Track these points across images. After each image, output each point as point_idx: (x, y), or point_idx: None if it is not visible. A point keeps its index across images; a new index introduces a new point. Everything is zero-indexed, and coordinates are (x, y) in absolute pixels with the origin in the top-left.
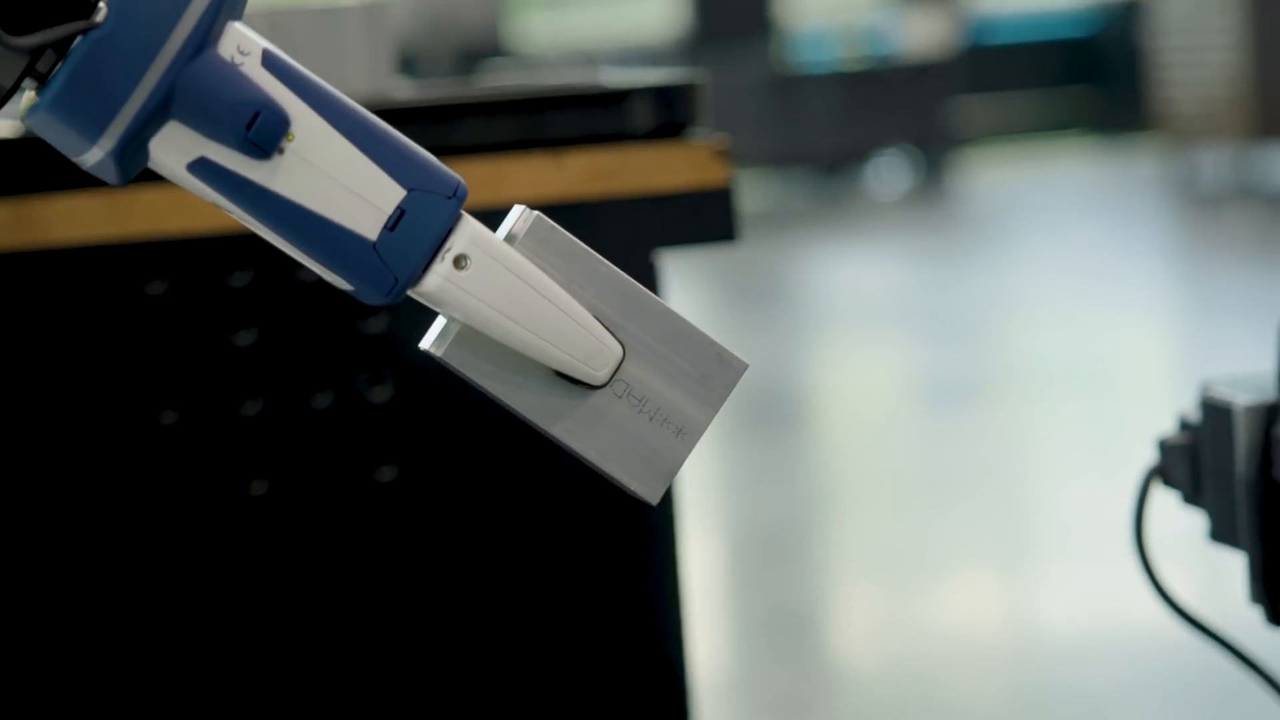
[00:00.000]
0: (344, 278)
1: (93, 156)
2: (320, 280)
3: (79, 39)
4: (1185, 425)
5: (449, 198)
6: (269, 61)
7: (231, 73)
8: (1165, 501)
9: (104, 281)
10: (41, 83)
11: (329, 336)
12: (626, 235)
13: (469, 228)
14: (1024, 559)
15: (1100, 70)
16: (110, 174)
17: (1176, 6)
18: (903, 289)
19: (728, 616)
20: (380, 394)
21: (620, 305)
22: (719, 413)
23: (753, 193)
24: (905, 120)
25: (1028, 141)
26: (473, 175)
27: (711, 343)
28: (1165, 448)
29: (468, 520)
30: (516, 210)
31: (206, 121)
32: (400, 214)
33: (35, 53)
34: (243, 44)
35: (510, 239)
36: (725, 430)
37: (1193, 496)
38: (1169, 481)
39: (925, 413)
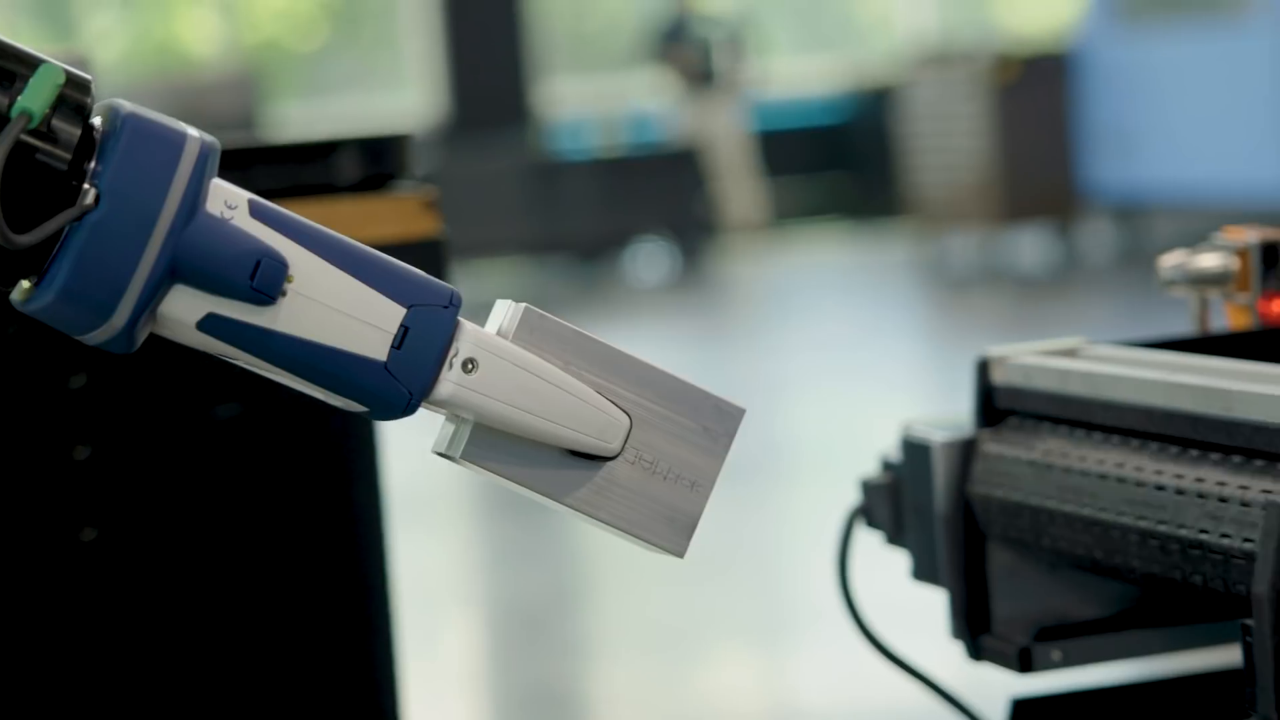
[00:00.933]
0: (360, 402)
1: (103, 334)
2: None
3: (73, 225)
4: (887, 465)
5: (445, 307)
6: (256, 210)
7: (227, 229)
8: (869, 543)
9: None
10: (38, 272)
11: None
12: None
13: (469, 331)
14: (781, 634)
15: (854, 157)
16: (119, 345)
17: (925, 94)
18: None
19: (488, 694)
20: (81, 453)
21: (616, 376)
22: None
23: (511, 280)
24: (664, 207)
25: (785, 228)
26: None
27: (707, 395)
28: (868, 488)
29: (175, 580)
30: (502, 305)
31: (211, 280)
32: (405, 331)
33: (36, 248)
34: (228, 198)
35: (504, 333)
36: (484, 509)
37: (895, 536)
38: (872, 522)
39: None
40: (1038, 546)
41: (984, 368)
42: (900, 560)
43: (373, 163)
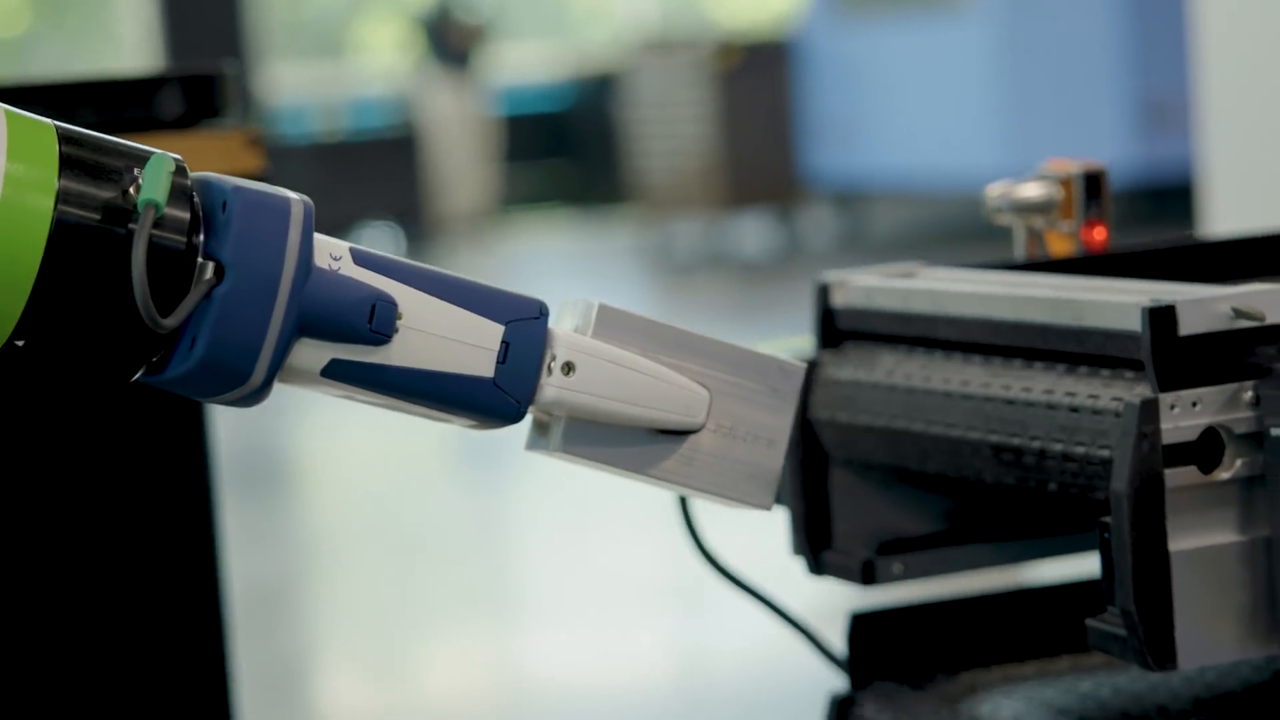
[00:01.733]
0: (473, 416)
1: (240, 394)
2: None
3: (202, 300)
4: None
5: (537, 318)
6: (358, 257)
7: (339, 280)
8: None
9: None
10: (164, 347)
11: None
12: None
13: (562, 336)
14: (514, 614)
15: (578, 144)
16: (253, 402)
17: (647, 80)
18: None
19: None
20: None
21: (688, 354)
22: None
23: None
24: (387, 192)
25: (508, 215)
26: None
27: (770, 358)
28: None
29: None
30: (571, 304)
31: (334, 330)
32: (506, 346)
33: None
34: (332, 250)
35: (585, 331)
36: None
37: None
38: None
39: (421, 475)
40: (883, 465)
41: (823, 291)
42: None
43: (196, 98)
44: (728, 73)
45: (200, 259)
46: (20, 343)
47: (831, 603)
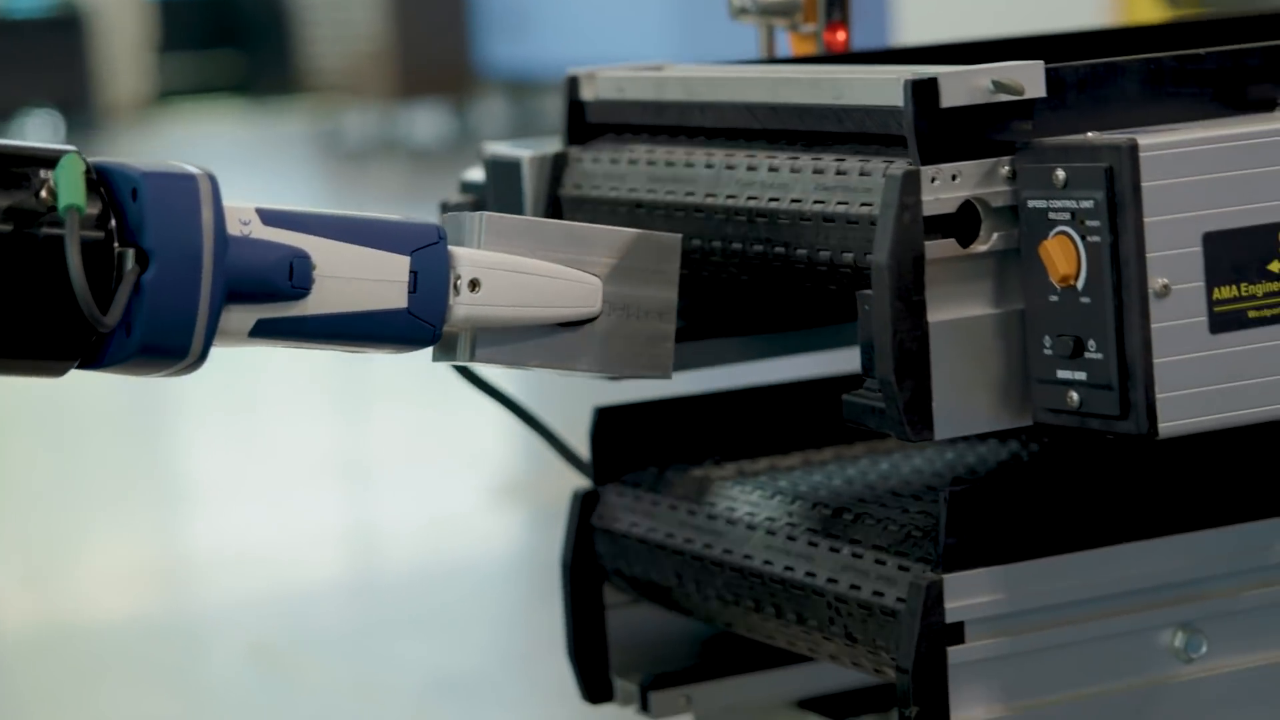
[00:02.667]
0: (392, 348)
1: (180, 368)
2: None
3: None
4: (466, 186)
5: (436, 243)
6: (266, 217)
7: (255, 244)
8: None
9: None
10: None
11: None
12: None
13: (462, 255)
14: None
15: (245, 31)
16: (192, 370)
17: None
18: None
19: None
20: None
21: (574, 245)
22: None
23: None
24: (47, 79)
25: (173, 104)
26: None
27: (646, 235)
28: (449, 209)
29: None
30: (454, 217)
31: (257, 294)
32: (414, 276)
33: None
34: (240, 215)
35: (479, 244)
36: None
37: None
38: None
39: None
40: None
41: (573, 83)
42: None
43: None
44: None
45: (117, 246)
46: None
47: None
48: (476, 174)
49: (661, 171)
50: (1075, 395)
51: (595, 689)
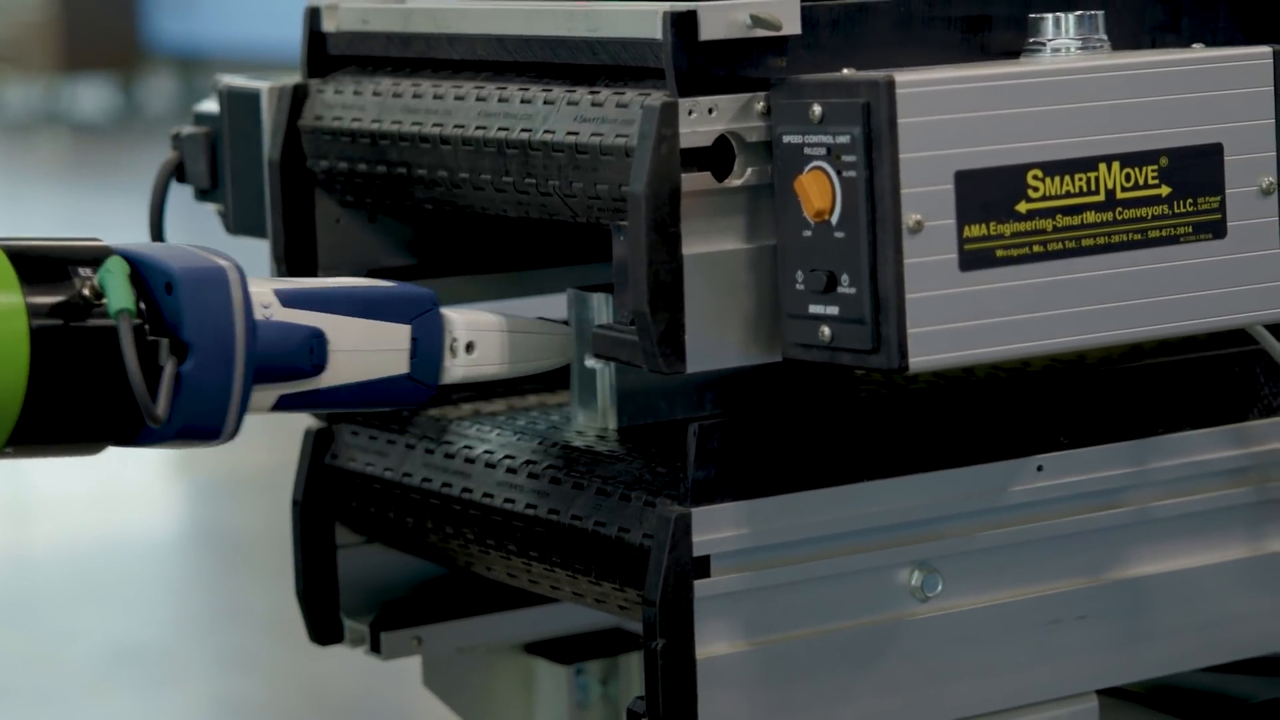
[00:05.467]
0: (394, 407)
1: (215, 444)
2: None
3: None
4: (201, 118)
5: (430, 309)
6: (283, 297)
7: (279, 328)
8: (180, 197)
9: None
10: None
11: None
12: None
13: (455, 319)
14: None
15: None
16: (225, 441)
17: None
18: None
19: None
20: None
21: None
22: None
23: None
24: None
25: None
26: None
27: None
28: (182, 140)
29: None
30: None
31: (282, 373)
32: (414, 342)
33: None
34: (262, 299)
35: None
36: None
37: (210, 190)
38: (185, 177)
39: None
40: (370, 183)
41: (314, 14)
42: (214, 216)
43: None
44: None
45: (150, 335)
46: (10, 449)
47: None
48: (210, 105)
49: (408, 103)
50: (827, 330)
51: (324, 631)
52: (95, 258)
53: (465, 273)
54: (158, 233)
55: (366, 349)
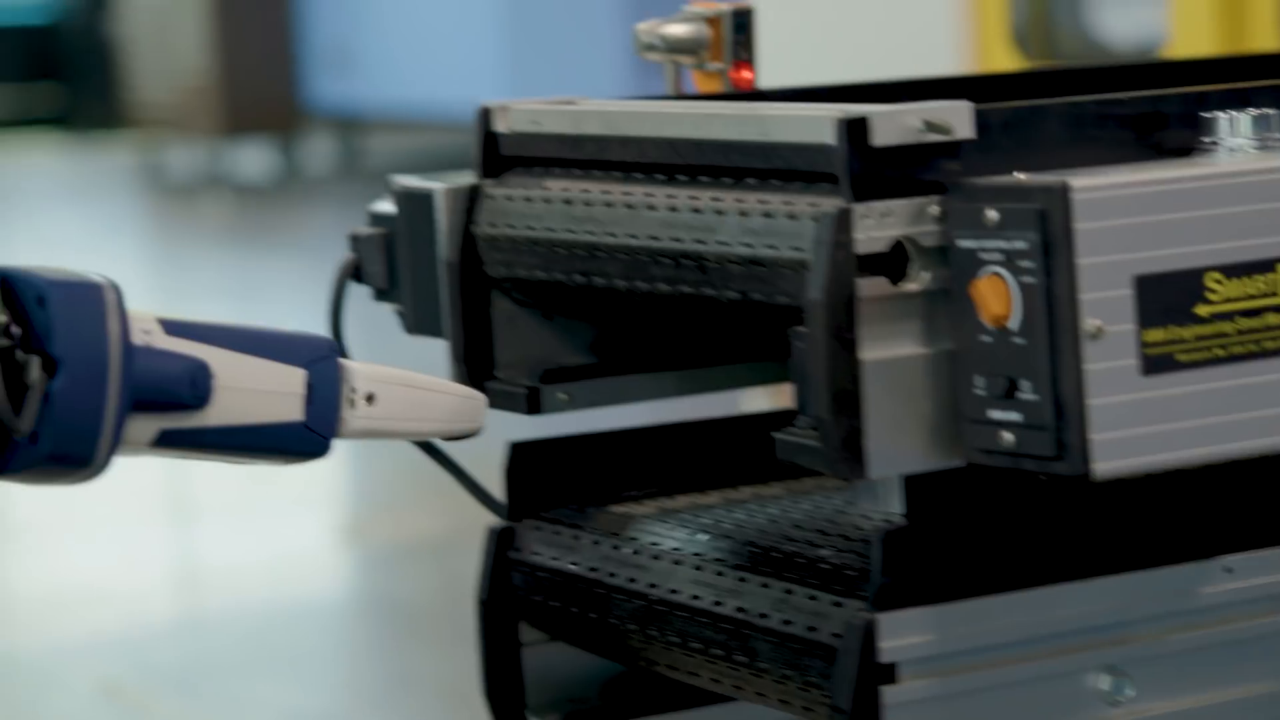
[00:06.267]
0: (285, 459)
1: (83, 477)
2: None
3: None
4: (377, 218)
5: (329, 356)
6: (167, 326)
7: (158, 355)
8: (359, 297)
9: None
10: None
11: None
12: None
13: (356, 370)
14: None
15: (65, 63)
16: (86, 481)
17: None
18: None
19: None
20: None
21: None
22: None
23: None
24: None
25: None
26: None
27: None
28: (359, 241)
29: None
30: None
31: (160, 403)
32: (310, 389)
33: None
34: (142, 325)
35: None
36: None
37: (387, 290)
38: (362, 276)
39: None
40: (548, 285)
41: (485, 115)
42: (391, 315)
43: None
44: None
45: (19, 353)
46: None
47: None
48: (386, 206)
49: (580, 211)
50: (1009, 436)
51: None
52: None
53: (643, 370)
54: (336, 331)
55: (256, 388)
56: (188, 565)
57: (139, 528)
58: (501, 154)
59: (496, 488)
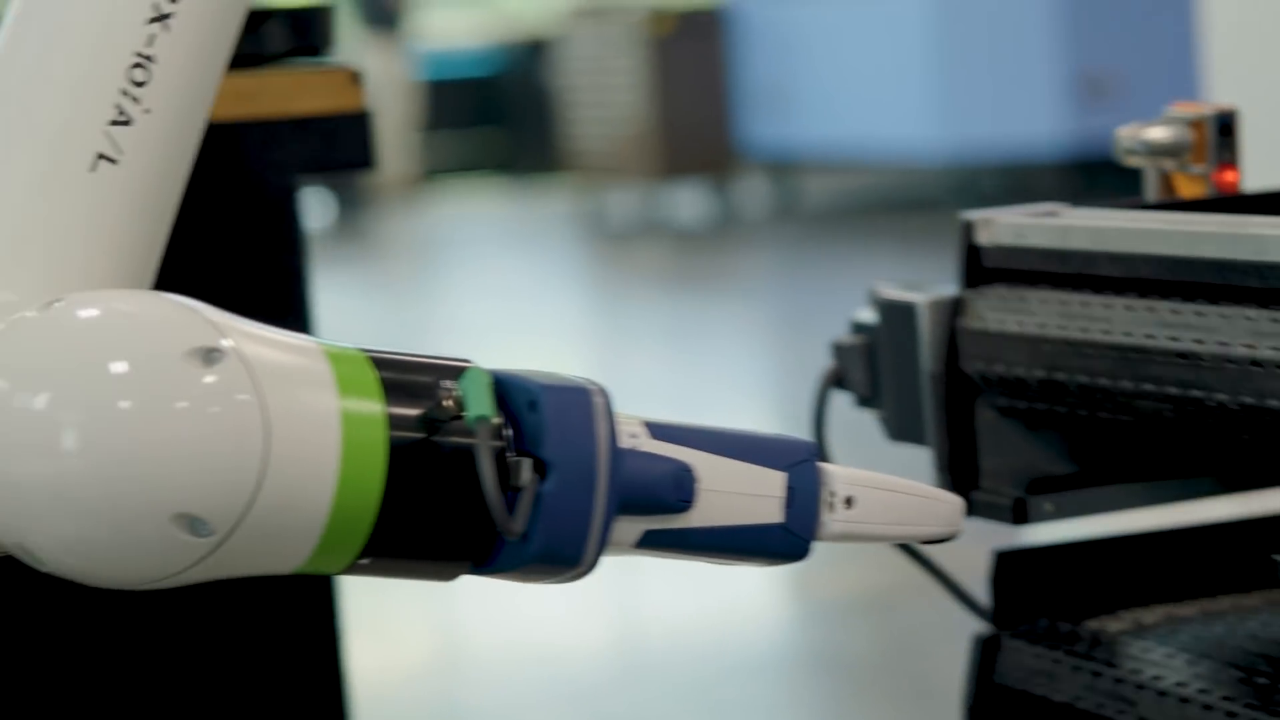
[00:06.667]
0: (766, 561)
1: (569, 578)
2: None
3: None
4: (859, 327)
5: (808, 459)
6: (653, 430)
7: (644, 459)
8: (839, 404)
9: None
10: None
11: None
12: (267, 159)
13: (834, 472)
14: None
15: (508, 111)
16: (572, 580)
17: (581, 47)
18: (338, 318)
19: None
20: None
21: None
22: None
23: None
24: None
25: (438, 182)
26: None
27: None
28: (841, 350)
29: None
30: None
31: (645, 506)
32: (790, 491)
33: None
34: (629, 429)
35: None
36: None
37: (870, 397)
38: (844, 384)
39: None
40: (1032, 390)
41: (968, 228)
42: (871, 422)
43: (300, 34)
44: (661, 40)
45: (512, 455)
46: (365, 561)
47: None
48: (867, 315)
49: (1067, 311)
50: None
51: None
52: (459, 372)
53: (1126, 479)
54: (819, 437)
55: (738, 491)
56: (633, 617)
57: (586, 580)
58: (984, 266)
59: (976, 588)
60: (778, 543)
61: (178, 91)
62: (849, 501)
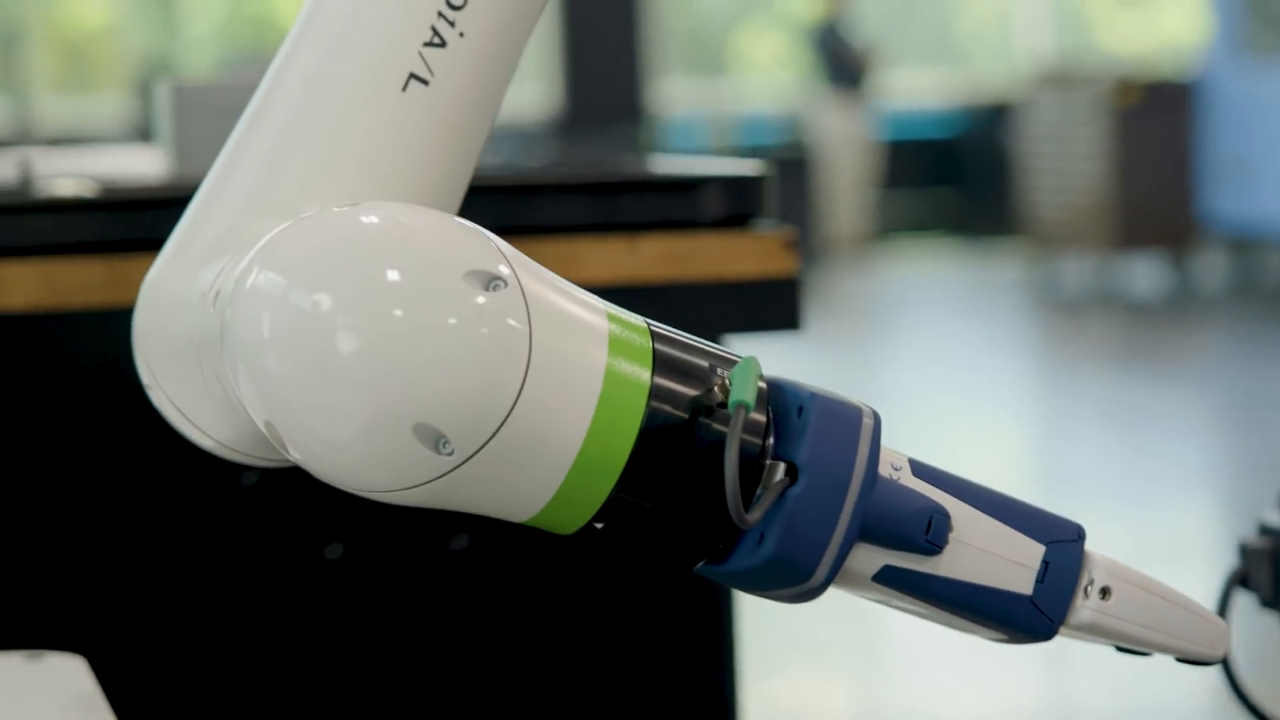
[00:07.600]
0: (1004, 631)
1: (797, 591)
2: None
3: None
4: (1265, 530)
5: (1075, 540)
6: (916, 469)
7: (900, 490)
8: (1243, 605)
9: None
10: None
11: None
12: (696, 319)
13: (1099, 560)
14: (878, 656)
15: (966, 173)
16: (807, 599)
17: (1044, 114)
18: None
19: None
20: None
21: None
22: None
23: None
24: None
25: (890, 241)
26: (548, 254)
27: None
28: (1247, 552)
29: (534, 590)
30: None
31: (891, 538)
32: (1046, 566)
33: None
34: (893, 461)
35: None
36: None
37: (1274, 600)
38: (1248, 585)
39: None
40: None
41: None
42: (1272, 623)
43: (735, 200)
44: (1125, 110)
45: (769, 459)
46: (600, 525)
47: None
48: (1275, 517)
49: None
50: None
51: None
52: (736, 360)
53: None
54: (1222, 612)
55: (991, 551)
56: (1059, 707)
57: (1009, 664)
58: None
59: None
60: (1022, 616)
61: (492, 18)
62: (1105, 592)
